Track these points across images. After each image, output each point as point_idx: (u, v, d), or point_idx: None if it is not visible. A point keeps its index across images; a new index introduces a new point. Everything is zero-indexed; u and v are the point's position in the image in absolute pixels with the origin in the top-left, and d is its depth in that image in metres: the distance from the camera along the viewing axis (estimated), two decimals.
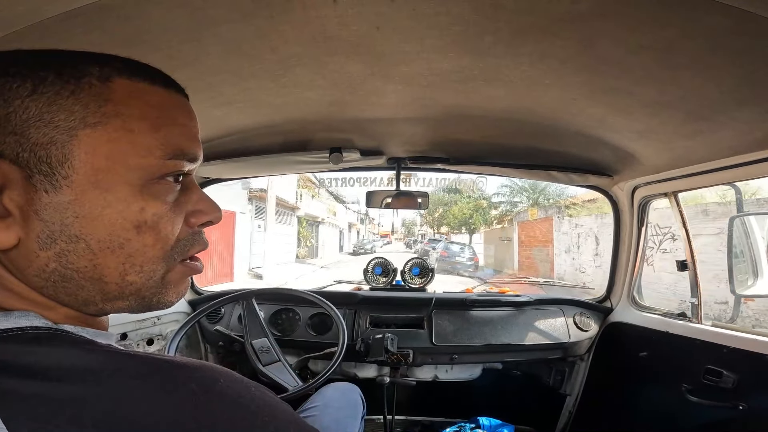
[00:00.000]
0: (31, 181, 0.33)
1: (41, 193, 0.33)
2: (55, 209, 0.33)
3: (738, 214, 1.49)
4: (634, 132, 1.16)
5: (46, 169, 0.33)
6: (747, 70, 0.74)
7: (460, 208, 23.77)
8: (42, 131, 0.33)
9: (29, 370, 0.29)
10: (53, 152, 0.33)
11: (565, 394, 1.88)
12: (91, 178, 0.34)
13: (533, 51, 0.78)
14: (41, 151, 0.33)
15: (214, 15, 0.66)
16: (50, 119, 0.33)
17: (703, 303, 1.43)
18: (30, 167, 0.33)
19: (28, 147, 0.33)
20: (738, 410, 1.16)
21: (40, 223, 0.33)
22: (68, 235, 0.34)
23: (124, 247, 0.35)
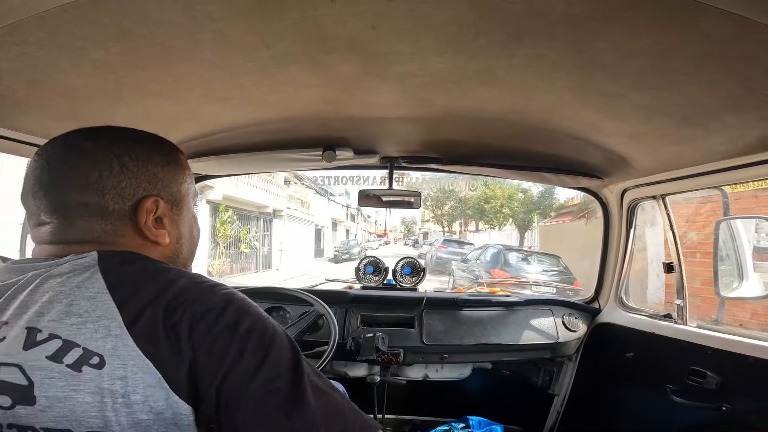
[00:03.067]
0: (172, 210, 0.61)
1: (176, 215, 0.62)
2: (180, 224, 0.63)
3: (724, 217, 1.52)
4: (625, 136, 1.17)
5: (178, 203, 0.62)
6: (743, 76, 0.75)
7: (487, 195, 19.87)
8: (175, 185, 0.61)
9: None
10: (180, 195, 0.62)
11: (553, 394, 1.90)
12: (190, 208, 0.65)
13: (528, 53, 0.79)
14: (176, 195, 0.61)
15: (210, 11, 0.66)
16: (177, 179, 0.62)
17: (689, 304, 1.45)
18: (172, 203, 0.61)
19: (171, 193, 0.60)
20: (721, 411, 1.18)
21: (175, 230, 0.62)
22: (185, 236, 0.64)
23: (195, 242, 0.68)
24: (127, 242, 0.56)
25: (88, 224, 0.54)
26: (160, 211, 0.58)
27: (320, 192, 20.52)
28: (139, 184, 0.56)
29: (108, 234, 0.55)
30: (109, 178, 0.54)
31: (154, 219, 0.58)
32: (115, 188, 0.55)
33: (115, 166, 0.55)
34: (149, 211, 0.57)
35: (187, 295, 0.50)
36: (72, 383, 0.46)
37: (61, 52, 0.74)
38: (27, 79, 0.83)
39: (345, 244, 21.72)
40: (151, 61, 0.81)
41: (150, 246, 0.58)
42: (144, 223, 0.56)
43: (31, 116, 1.00)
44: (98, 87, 0.90)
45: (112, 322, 0.47)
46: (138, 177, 0.56)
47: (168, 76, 0.88)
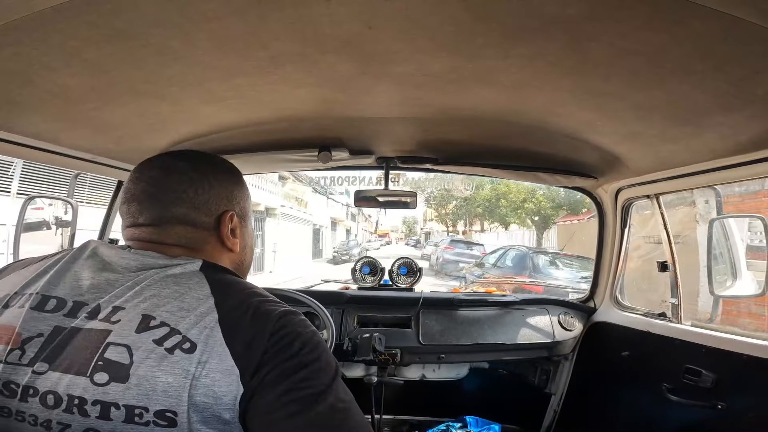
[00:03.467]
0: (241, 223, 0.73)
1: (243, 228, 0.73)
2: (245, 235, 0.75)
3: (718, 216, 1.53)
4: (620, 135, 1.18)
5: (244, 217, 0.74)
6: (735, 76, 0.76)
7: (500, 192, 17.75)
8: (243, 202, 0.74)
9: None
10: (246, 210, 0.75)
11: (550, 393, 1.91)
12: (251, 222, 0.78)
13: (524, 53, 0.79)
14: (244, 210, 0.74)
15: (205, 11, 0.65)
16: (244, 197, 0.74)
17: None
18: (241, 217, 0.73)
19: (241, 208, 0.73)
20: (717, 409, 1.19)
21: (243, 240, 0.73)
22: (249, 246, 0.77)
23: (253, 251, 0.81)
24: (210, 249, 0.68)
25: (182, 231, 0.66)
26: (234, 224, 0.70)
27: (319, 190, 20.02)
28: (221, 200, 0.69)
29: (197, 241, 0.66)
30: (202, 194, 0.67)
31: (231, 230, 0.69)
32: (206, 204, 0.67)
33: (206, 185, 0.67)
34: (228, 223, 0.68)
35: (263, 310, 0.59)
36: (163, 364, 0.52)
37: (55, 52, 0.74)
38: (20, 80, 0.83)
39: (345, 245, 21.18)
40: (145, 61, 0.80)
41: (225, 253, 0.70)
42: (225, 233, 0.68)
43: (24, 117, 0.99)
44: (92, 87, 0.90)
45: (209, 318, 0.55)
46: (220, 194, 0.69)
47: (162, 76, 0.88)
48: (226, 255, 0.70)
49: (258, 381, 0.53)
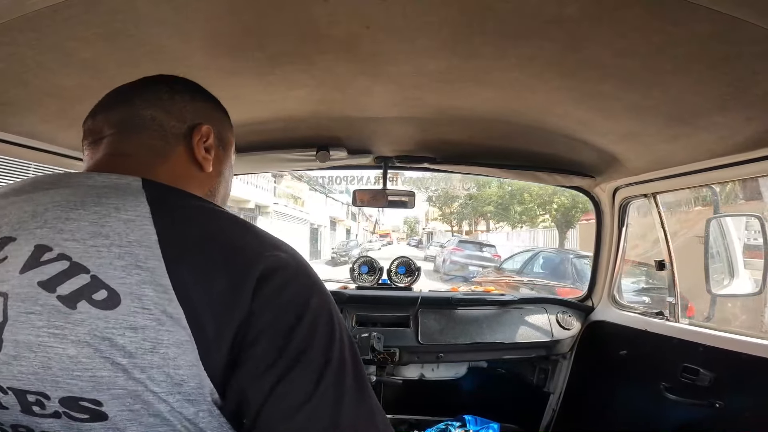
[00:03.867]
0: (219, 147, 0.60)
1: (221, 154, 0.61)
2: (223, 164, 0.62)
3: (715, 215, 1.54)
4: (617, 135, 1.18)
5: (225, 145, 0.63)
6: (731, 76, 0.76)
7: (516, 188, 16.44)
8: (225, 129, 0.63)
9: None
10: (227, 139, 0.65)
11: (548, 392, 1.91)
12: (231, 160, 0.68)
13: (521, 53, 0.79)
14: (225, 137, 0.63)
15: (202, 10, 0.65)
16: (226, 126, 0.65)
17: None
18: (221, 140, 0.61)
19: (221, 132, 0.62)
20: (715, 408, 1.19)
21: (219, 166, 0.61)
22: (225, 178, 0.64)
23: (228, 193, 0.67)
24: (175, 160, 0.55)
25: (146, 139, 0.53)
26: (210, 141, 0.58)
27: (317, 188, 19.12)
28: (199, 113, 0.58)
29: (159, 150, 0.54)
30: (179, 101, 0.56)
31: (204, 144, 0.57)
32: (181, 111, 0.56)
33: (186, 96, 0.58)
34: (203, 135, 0.57)
35: (255, 244, 0.44)
36: (54, 324, 0.36)
37: (51, 52, 0.74)
38: (17, 80, 0.82)
39: (344, 245, 19.41)
40: (141, 61, 0.80)
41: (194, 171, 0.57)
42: (197, 142, 0.56)
43: (20, 117, 0.99)
44: (88, 87, 0.89)
45: (143, 252, 0.38)
46: (199, 109, 0.58)
47: None
48: (195, 175, 0.56)
49: (236, 358, 0.39)
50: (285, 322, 0.41)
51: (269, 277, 0.41)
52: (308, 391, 0.39)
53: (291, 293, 0.42)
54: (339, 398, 0.40)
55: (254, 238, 0.46)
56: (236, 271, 0.40)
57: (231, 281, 0.39)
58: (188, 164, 0.56)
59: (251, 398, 0.39)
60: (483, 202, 19.77)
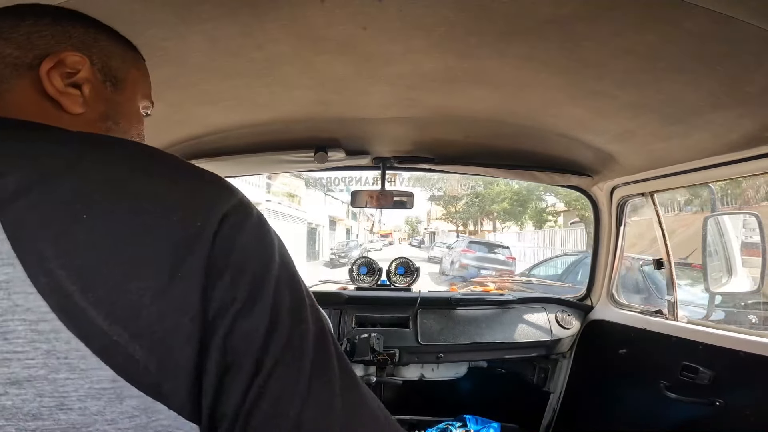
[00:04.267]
0: (105, 84, 0.46)
1: (109, 92, 0.47)
2: (115, 104, 0.48)
3: (712, 213, 1.54)
4: (613, 134, 1.19)
5: (117, 82, 0.48)
6: (726, 75, 0.77)
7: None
8: (118, 61, 0.49)
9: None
10: (122, 74, 0.49)
11: (548, 392, 1.91)
12: (136, 102, 0.53)
13: (518, 52, 0.79)
14: (116, 71, 0.48)
15: (199, 12, 0.65)
16: (125, 57, 0.50)
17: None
18: (108, 75, 0.47)
19: (109, 65, 0.47)
20: (715, 406, 1.19)
21: (102, 106, 0.46)
22: (120, 117, 0.49)
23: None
24: (16, 98, 0.40)
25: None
26: (83, 74, 0.42)
27: (315, 186, 18.29)
28: (63, 40, 0.42)
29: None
30: (28, 26, 0.41)
31: (67, 77, 0.42)
32: (27, 37, 0.41)
33: (46, 19, 0.42)
34: (65, 64, 0.41)
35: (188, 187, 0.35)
36: None
37: None
38: None
39: (344, 246, 18.17)
40: None
41: (50, 112, 0.41)
42: (46, 71, 0.40)
43: None
44: None
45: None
46: (66, 35, 0.43)
47: (156, 77, 0.87)
48: (53, 118, 0.41)
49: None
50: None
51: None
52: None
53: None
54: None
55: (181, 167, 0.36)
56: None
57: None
58: (40, 104, 0.41)
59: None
60: (491, 200, 18.95)
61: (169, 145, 1.30)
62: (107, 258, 0.28)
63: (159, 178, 0.34)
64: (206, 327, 0.30)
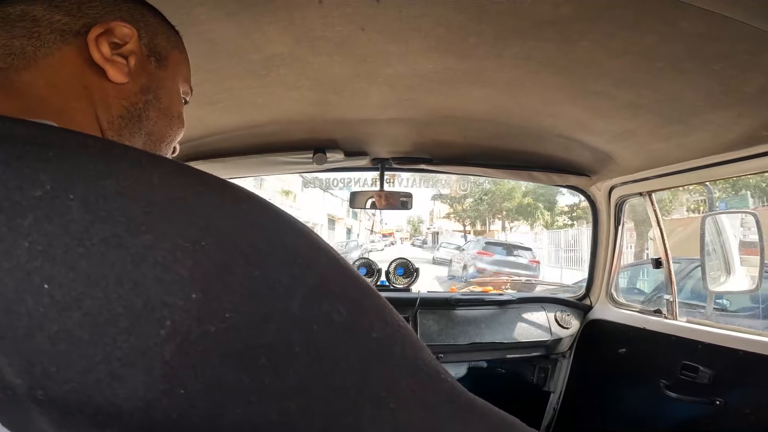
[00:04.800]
0: (150, 59, 0.45)
1: (153, 68, 0.46)
2: (157, 79, 0.47)
3: (710, 212, 1.54)
4: (611, 134, 1.19)
5: (161, 59, 0.47)
6: (723, 74, 0.77)
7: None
8: (164, 39, 0.47)
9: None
10: (167, 52, 0.48)
11: (549, 391, 1.91)
12: (177, 83, 0.52)
13: (516, 53, 0.79)
14: (162, 49, 0.47)
15: (197, 13, 0.65)
16: (170, 37, 0.49)
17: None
18: (153, 52, 0.46)
19: (156, 42, 0.46)
20: (715, 405, 1.19)
21: (145, 79, 0.45)
22: (157, 97, 0.47)
23: (173, 126, 0.51)
24: (54, 64, 0.37)
25: (3, 36, 0.37)
26: (130, 46, 0.41)
27: (312, 182, 17.30)
28: (114, 11, 0.41)
29: (25, 48, 0.37)
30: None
31: (114, 47, 0.40)
32: (81, 4, 0.39)
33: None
34: (115, 34, 0.40)
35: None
36: None
37: None
38: None
39: (343, 246, 17.24)
40: None
41: (93, 79, 0.39)
42: (95, 37, 0.38)
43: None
44: None
45: None
46: (120, 6, 0.42)
47: None
48: (94, 85, 0.39)
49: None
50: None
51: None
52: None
53: None
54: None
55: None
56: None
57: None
58: (81, 69, 0.39)
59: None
60: (501, 198, 17.82)
61: None
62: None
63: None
64: None
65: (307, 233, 0.28)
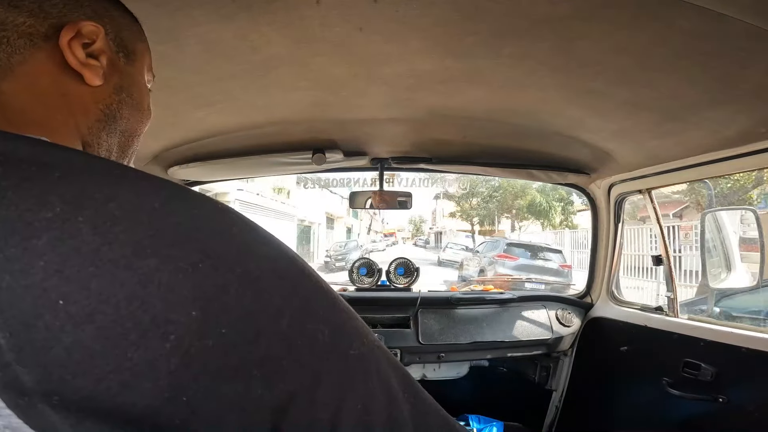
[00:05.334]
0: (118, 56, 0.45)
1: (122, 64, 0.46)
2: (128, 76, 0.47)
3: (709, 209, 1.54)
4: (609, 132, 1.19)
5: (129, 54, 0.47)
6: (719, 71, 0.77)
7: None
8: (129, 33, 0.47)
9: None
10: (134, 47, 0.48)
11: (551, 390, 1.91)
12: (143, 75, 0.52)
13: (513, 52, 0.80)
14: (129, 44, 0.47)
15: (194, 15, 0.65)
16: (134, 31, 0.49)
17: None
18: (121, 47, 0.45)
19: (122, 37, 0.45)
20: (718, 403, 1.19)
21: (117, 78, 0.45)
22: (130, 95, 0.47)
23: (143, 118, 0.53)
24: (32, 72, 0.37)
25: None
26: (98, 44, 0.40)
27: (308, 180, 14.65)
28: (77, 8, 0.40)
29: (1, 55, 0.36)
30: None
31: (84, 47, 0.39)
32: (41, 3, 0.38)
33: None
34: (83, 35, 0.39)
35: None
36: None
37: None
38: None
39: (341, 247, 15.70)
40: None
41: (69, 85, 0.39)
42: (67, 42, 0.38)
43: None
44: None
45: None
46: (81, 2, 0.41)
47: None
48: (73, 91, 0.39)
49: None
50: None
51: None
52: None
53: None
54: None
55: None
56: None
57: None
58: (58, 76, 0.39)
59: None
60: (513, 195, 16.56)
61: (164, 149, 1.30)
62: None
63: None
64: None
65: (293, 257, 0.30)
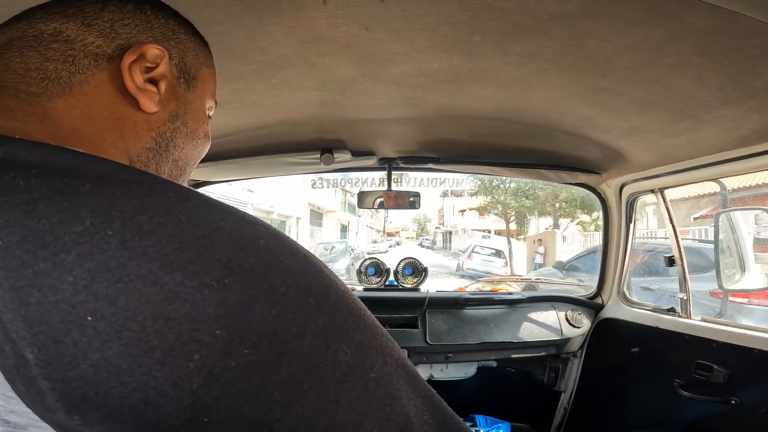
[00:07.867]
0: (179, 81, 0.44)
1: (182, 90, 0.45)
2: (186, 103, 0.45)
3: (724, 209, 1.52)
4: (620, 130, 1.18)
5: (191, 79, 0.46)
6: (732, 69, 0.76)
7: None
8: (193, 57, 0.46)
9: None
10: (197, 72, 0.47)
11: (559, 391, 1.90)
12: (205, 103, 0.50)
13: (522, 51, 0.79)
14: (192, 69, 0.46)
15: (203, 16, 0.66)
16: (199, 55, 0.47)
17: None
18: (183, 72, 0.45)
19: (185, 62, 0.45)
20: (731, 405, 1.17)
21: (174, 105, 0.44)
22: (185, 123, 0.46)
23: (199, 150, 0.53)
24: (90, 93, 0.36)
25: (35, 58, 0.35)
26: (162, 69, 0.40)
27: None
28: (146, 30, 0.40)
29: (61, 73, 0.35)
30: (111, 12, 0.38)
31: (146, 71, 0.39)
32: (110, 24, 0.38)
33: (130, 5, 0.40)
34: (147, 58, 0.39)
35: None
36: None
37: None
38: None
39: (327, 250, 12.15)
40: None
41: (125, 109, 0.38)
42: (128, 65, 0.37)
43: None
44: None
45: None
46: (148, 24, 0.40)
47: None
48: (127, 116, 0.38)
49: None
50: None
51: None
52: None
53: None
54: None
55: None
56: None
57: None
58: (114, 99, 0.38)
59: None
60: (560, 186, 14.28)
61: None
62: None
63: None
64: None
65: (319, 269, 0.29)
